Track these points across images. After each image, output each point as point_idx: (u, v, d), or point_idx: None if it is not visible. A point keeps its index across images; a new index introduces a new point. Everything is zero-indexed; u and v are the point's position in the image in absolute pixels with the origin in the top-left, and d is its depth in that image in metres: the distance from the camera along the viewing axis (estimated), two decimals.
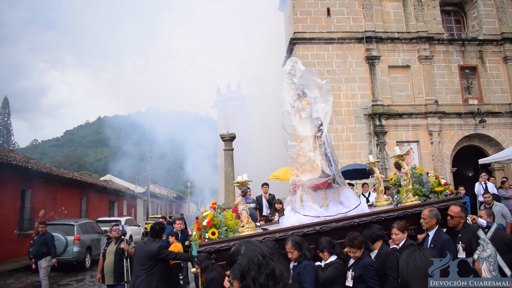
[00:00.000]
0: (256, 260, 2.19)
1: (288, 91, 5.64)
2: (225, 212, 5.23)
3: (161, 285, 5.62)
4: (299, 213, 5.24)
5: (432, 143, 19.61)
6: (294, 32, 20.49)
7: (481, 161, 17.84)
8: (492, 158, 17.96)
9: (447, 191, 5.33)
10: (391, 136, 19.67)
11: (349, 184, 12.16)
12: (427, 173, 5.55)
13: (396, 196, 5.86)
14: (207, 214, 5.02)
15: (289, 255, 4.66)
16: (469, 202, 13.92)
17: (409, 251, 2.22)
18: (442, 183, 5.37)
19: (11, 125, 69.90)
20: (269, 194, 11.78)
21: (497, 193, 12.20)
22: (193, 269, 5.43)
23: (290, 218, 5.35)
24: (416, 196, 5.39)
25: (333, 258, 4.62)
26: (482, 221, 5.41)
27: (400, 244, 4.81)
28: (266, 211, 11.42)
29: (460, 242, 4.89)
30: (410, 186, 5.32)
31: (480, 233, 2.26)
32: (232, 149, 15.78)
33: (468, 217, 5.11)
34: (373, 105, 19.77)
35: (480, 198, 12.33)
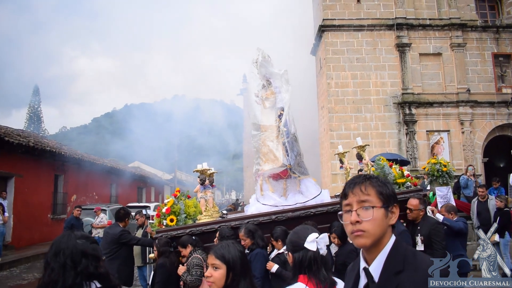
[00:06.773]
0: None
1: (254, 81, 5.65)
2: (188, 200, 5.33)
3: (123, 269, 5.66)
4: (259, 202, 5.27)
5: (463, 132, 18.89)
6: (323, 19, 20.09)
7: None
8: None
9: (408, 183, 5.19)
10: (421, 125, 19.10)
11: None
12: (390, 165, 5.41)
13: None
14: (168, 202, 5.14)
15: (242, 242, 4.67)
16: (504, 193, 13.26)
17: None
18: (405, 174, 5.22)
19: (41, 112, 71.98)
20: None
21: None
22: (151, 255, 5.52)
23: (251, 207, 5.40)
24: None
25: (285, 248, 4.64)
26: (440, 216, 5.27)
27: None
28: None
29: (419, 234, 4.81)
30: None
31: (480, 233, 2.25)
32: None
33: (428, 209, 4.99)
34: (403, 94, 19.23)
35: None
